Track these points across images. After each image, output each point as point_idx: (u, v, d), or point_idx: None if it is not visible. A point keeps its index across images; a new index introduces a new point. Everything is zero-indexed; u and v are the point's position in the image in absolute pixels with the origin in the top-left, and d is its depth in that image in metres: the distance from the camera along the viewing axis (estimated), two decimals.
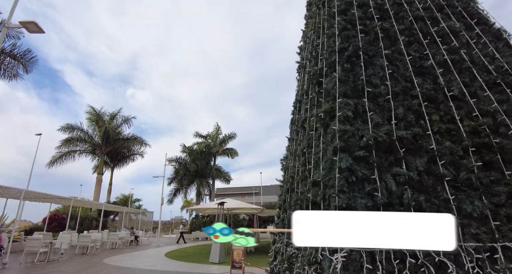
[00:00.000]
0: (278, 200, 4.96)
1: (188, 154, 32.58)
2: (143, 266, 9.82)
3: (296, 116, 4.59)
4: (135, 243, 19.57)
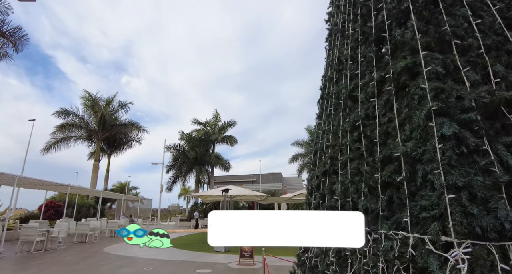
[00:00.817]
0: (306, 185, 4.38)
1: (186, 141, 31.94)
2: (146, 255, 9.34)
3: (331, 89, 3.95)
4: None
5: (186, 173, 32.62)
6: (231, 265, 7.73)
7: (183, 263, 8.04)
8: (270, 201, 15.73)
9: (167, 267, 7.43)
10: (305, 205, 4.24)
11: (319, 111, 4.38)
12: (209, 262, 8.17)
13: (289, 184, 49.48)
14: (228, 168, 33.12)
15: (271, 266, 7.64)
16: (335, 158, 3.32)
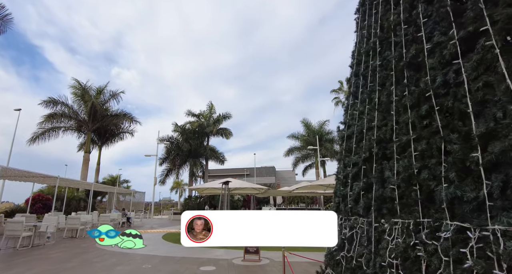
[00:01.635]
0: (337, 175, 3.85)
1: (180, 133, 31.13)
2: (143, 251, 8.74)
3: (370, 63, 3.39)
4: (127, 224, 18.47)
5: (180, 166, 31.89)
6: (236, 262, 7.22)
7: (184, 259, 7.48)
8: (270, 194, 15.26)
9: (168, 265, 6.86)
10: (335, 198, 3.71)
11: (352, 90, 3.82)
12: (211, 258, 7.63)
13: (283, 178, 49.25)
14: (223, 161, 32.54)
15: (277, 262, 7.16)
16: (386, 140, 2.78)
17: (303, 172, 34.47)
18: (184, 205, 29.37)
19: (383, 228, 2.57)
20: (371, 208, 2.77)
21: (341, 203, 3.46)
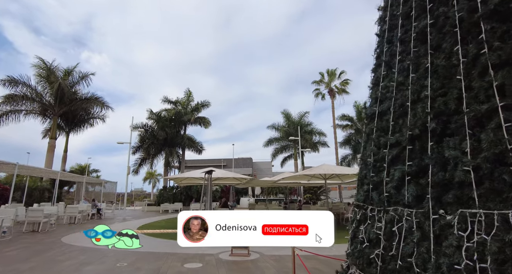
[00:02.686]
0: (362, 159, 3.26)
1: (155, 121, 29.62)
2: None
3: (416, 23, 2.79)
4: (97, 216, 17.19)
5: (155, 155, 30.48)
6: (223, 257, 6.57)
7: (166, 255, 6.71)
8: (253, 184, 14.66)
9: (147, 262, 6.08)
10: (363, 186, 3.12)
11: (385, 59, 3.21)
12: (196, 254, 6.93)
13: (259, 169, 49.12)
14: (201, 151, 31.56)
15: (268, 256, 6.60)
16: (447, 112, 2.20)
17: (281, 163, 34.32)
18: (159, 196, 28.17)
19: (446, 220, 2.01)
20: (426, 196, 2.20)
21: (371, 192, 2.88)
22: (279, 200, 26.74)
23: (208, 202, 9.96)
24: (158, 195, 28.89)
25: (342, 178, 13.97)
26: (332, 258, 4.80)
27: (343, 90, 30.23)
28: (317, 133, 32.67)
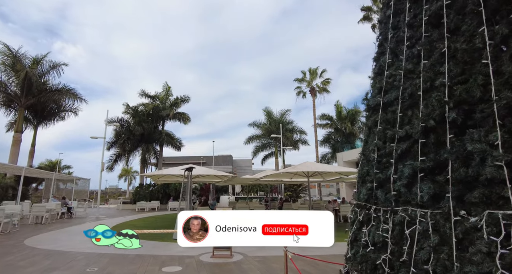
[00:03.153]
0: (363, 155, 3.02)
1: (132, 115, 28.45)
2: (87, 248, 7.24)
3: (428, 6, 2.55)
4: (68, 215, 16.15)
5: (131, 151, 29.33)
6: (204, 259, 6.18)
7: (141, 258, 6.22)
8: (235, 182, 14.26)
9: (121, 266, 5.58)
10: (365, 184, 2.85)
11: (390, 45, 2.95)
12: (174, 256, 6.49)
13: (239, 167, 48.84)
14: (180, 147, 30.68)
15: (252, 258, 6.29)
16: (471, 100, 1.96)
17: (262, 161, 34.16)
18: (135, 193, 27.12)
19: (471, 223, 1.76)
20: (445, 195, 1.95)
21: (375, 190, 2.62)
22: (259, 198, 26.52)
23: (188, 201, 9.50)
24: (134, 192, 27.82)
25: (323, 175, 13.91)
26: (319, 260, 4.57)
27: (324, 89, 30.44)
28: (298, 131, 32.78)
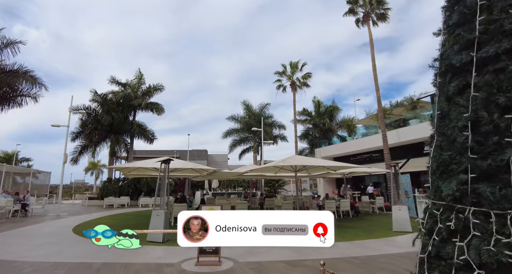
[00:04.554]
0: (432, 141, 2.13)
1: (100, 104, 26.16)
2: (40, 256, 5.92)
3: None
4: (22, 214, 14.23)
5: (98, 143, 27.04)
6: (188, 267, 5.13)
7: (109, 267, 5.04)
8: (215, 176, 13.15)
9: None
10: (442, 176, 1.95)
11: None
12: (150, 264, 5.38)
13: (214, 161, 47.58)
14: (153, 140, 28.78)
15: (244, 264, 5.34)
16: None
17: (239, 155, 33.14)
18: (102, 188, 25.07)
19: None
20: None
21: (476, 184, 1.74)
22: (237, 193, 25.54)
23: (164, 197, 8.34)
24: (102, 187, 25.74)
25: (310, 171, 13.22)
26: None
27: (305, 83, 29.87)
28: (277, 126, 32.10)
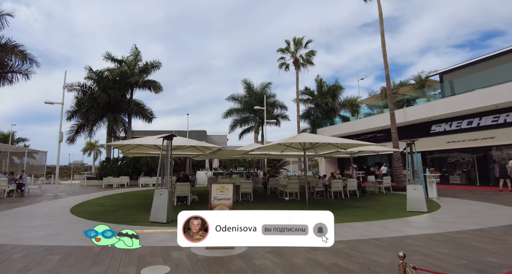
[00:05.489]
0: None
1: (96, 81, 25.10)
2: (33, 238, 5.39)
3: None
4: (18, 194, 13.72)
5: (95, 122, 26.27)
6: (198, 252, 4.59)
7: (109, 253, 4.49)
8: (217, 155, 12.53)
9: (77, 268, 3.84)
10: None
11: None
12: (156, 247, 4.85)
13: (213, 142, 47.07)
14: (151, 119, 28.01)
15: (262, 248, 4.82)
16: None
17: (240, 136, 32.55)
18: (101, 168, 24.58)
19: None
20: None
21: None
22: (239, 173, 25.14)
23: (168, 175, 7.74)
24: (100, 167, 25.24)
25: (317, 149, 12.64)
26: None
27: (308, 61, 28.77)
28: (279, 106, 31.27)
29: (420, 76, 24.85)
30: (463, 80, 19.59)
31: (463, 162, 19.22)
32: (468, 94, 17.17)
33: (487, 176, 17.69)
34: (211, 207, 5.06)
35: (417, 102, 21.47)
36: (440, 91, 21.64)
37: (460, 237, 5.53)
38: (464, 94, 17.38)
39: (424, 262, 4.02)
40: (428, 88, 23.75)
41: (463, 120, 18.21)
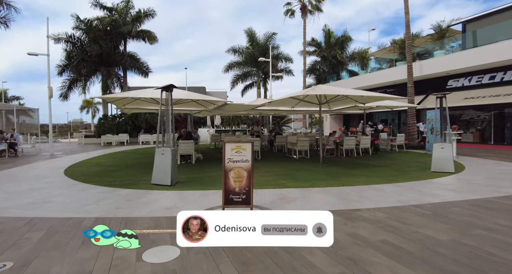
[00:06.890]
0: None
1: (85, 31, 22.94)
2: (17, 207, 4.59)
3: None
4: (11, 154, 12.95)
5: (88, 76, 24.70)
6: None
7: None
8: (229, 109, 11.45)
9: (61, 250, 3.04)
10: None
11: None
12: (159, 218, 4.05)
13: None
14: (147, 73, 26.30)
15: None
16: None
17: (242, 92, 31.05)
18: (99, 126, 23.66)
19: None
20: None
21: None
22: (242, 131, 24.33)
23: (170, 132, 6.79)
24: (98, 124, 24.32)
25: (331, 104, 11.55)
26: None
27: (317, 7, 26.11)
28: (283, 59, 29.24)
29: (441, 26, 22.63)
30: (488, 30, 17.69)
31: (478, 120, 18.26)
32: (494, 45, 15.51)
33: (503, 134, 16.86)
34: (225, 170, 4.17)
35: (434, 55, 19.77)
36: (460, 43, 19.83)
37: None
38: (489, 45, 15.71)
39: (491, 239, 3.24)
40: (448, 39, 21.76)
41: (485, 74, 16.79)
